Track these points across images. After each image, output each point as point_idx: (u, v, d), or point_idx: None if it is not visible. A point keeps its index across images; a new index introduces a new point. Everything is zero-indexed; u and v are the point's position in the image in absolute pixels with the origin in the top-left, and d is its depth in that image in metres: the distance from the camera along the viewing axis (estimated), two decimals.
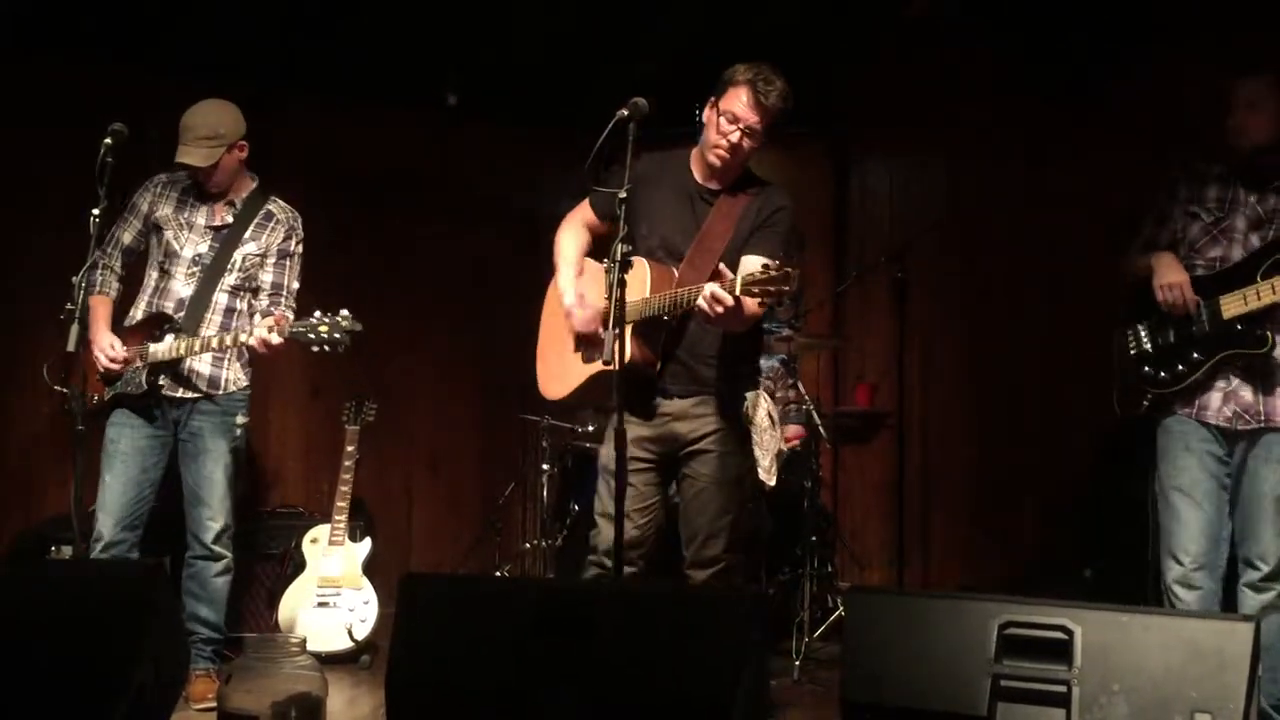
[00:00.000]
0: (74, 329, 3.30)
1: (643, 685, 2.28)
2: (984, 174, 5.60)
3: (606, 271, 2.92)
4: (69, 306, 3.32)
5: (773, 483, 3.35)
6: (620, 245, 2.83)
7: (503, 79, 5.68)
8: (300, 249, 3.95)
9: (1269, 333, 3.17)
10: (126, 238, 3.89)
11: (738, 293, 2.82)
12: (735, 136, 3.13)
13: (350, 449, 4.72)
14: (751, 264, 2.98)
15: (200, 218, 3.84)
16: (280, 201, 3.95)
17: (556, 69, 5.46)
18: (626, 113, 3.03)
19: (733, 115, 3.14)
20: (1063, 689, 2.24)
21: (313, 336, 3.55)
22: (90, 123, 3.57)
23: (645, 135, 2.99)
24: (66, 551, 4.40)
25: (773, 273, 2.76)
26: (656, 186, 3.23)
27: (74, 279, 3.34)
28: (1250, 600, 3.22)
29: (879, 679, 2.37)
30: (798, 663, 4.31)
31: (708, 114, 3.22)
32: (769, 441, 3.17)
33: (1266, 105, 3.21)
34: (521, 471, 5.64)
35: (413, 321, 5.88)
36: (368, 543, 4.74)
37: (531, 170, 6.05)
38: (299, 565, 4.64)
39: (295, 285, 3.94)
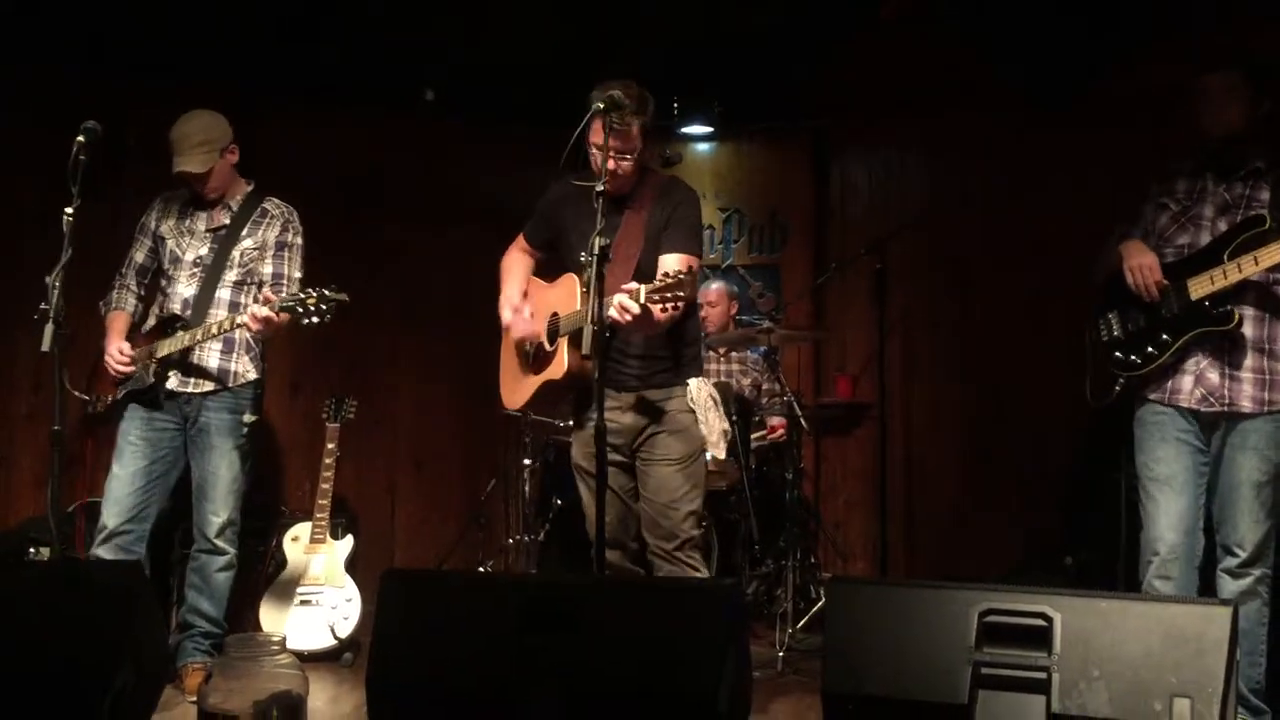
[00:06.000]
0: (48, 329, 3.28)
1: (627, 678, 2.28)
2: (963, 167, 5.61)
3: (584, 267, 2.97)
4: (43, 306, 3.30)
5: (722, 455, 3.78)
6: (598, 239, 2.88)
7: (481, 75, 5.65)
8: (299, 240, 4.05)
9: (1234, 309, 3.19)
10: (139, 257, 4.03)
11: (642, 300, 2.94)
12: (610, 165, 3.16)
13: (331, 446, 4.70)
14: (669, 263, 3.14)
15: (200, 223, 3.98)
16: (274, 199, 4.07)
17: (536, 65, 5.44)
18: (602, 105, 3.04)
19: (598, 147, 3.19)
20: (1043, 675, 2.24)
21: (301, 310, 3.60)
22: (67, 126, 3.51)
23: None
24: (44, 554, 4.38)
25: (669, 280, 2.89)
26: (579, 201, 3.28)
27: (48, 279, 3.32)
28: (1228, 586, 3.24)
29: (860, 669, 2.37)
30: (781, 654, 4.32)
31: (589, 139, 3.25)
32: (714, 419, 3.38)
33: (1240, 95, 3.24)
34: (504, 467, 5.63)
35: (394, 319, 5.85)
36: (350, 540, 4.72)
37: (511, 167, 6.01)
38: (280, 563, 4.63)
39: (297, 274, 4.02)
